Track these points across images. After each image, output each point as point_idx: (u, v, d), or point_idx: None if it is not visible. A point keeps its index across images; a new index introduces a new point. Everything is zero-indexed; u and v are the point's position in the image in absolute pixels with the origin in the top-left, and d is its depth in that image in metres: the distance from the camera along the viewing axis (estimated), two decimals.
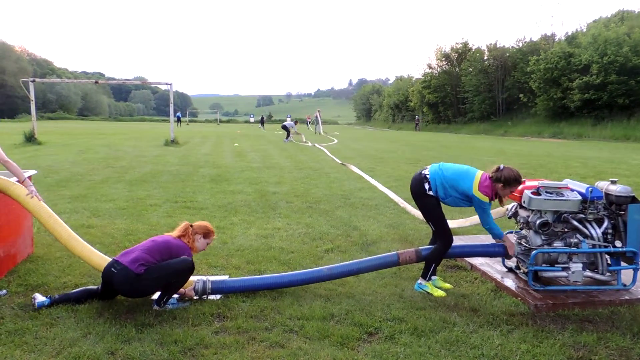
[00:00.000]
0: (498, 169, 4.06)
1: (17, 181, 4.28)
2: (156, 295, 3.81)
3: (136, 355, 3.05)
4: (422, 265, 4.35)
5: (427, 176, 4.18)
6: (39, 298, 3.73)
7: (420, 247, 4.36)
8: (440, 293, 4.16)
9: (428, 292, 4.18)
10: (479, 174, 4.11)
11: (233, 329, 3.46)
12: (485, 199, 4.04)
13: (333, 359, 3.07)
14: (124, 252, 3.84)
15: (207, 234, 4.10)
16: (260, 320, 3.59)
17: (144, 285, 3.63)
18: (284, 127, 28.29)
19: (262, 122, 57.10)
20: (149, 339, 3.26)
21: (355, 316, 3.67)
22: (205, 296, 3.99)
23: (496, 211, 6.31)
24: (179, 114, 66.77)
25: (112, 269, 3.66)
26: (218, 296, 4.02)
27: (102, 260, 4.04)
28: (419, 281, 4.28)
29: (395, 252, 4.30)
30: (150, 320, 3.53)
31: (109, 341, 3.21)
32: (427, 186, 4.16)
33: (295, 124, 30.47)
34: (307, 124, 46.67)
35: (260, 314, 3.71)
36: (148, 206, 7.79)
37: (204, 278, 4.07)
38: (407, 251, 4.29)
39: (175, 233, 4.00)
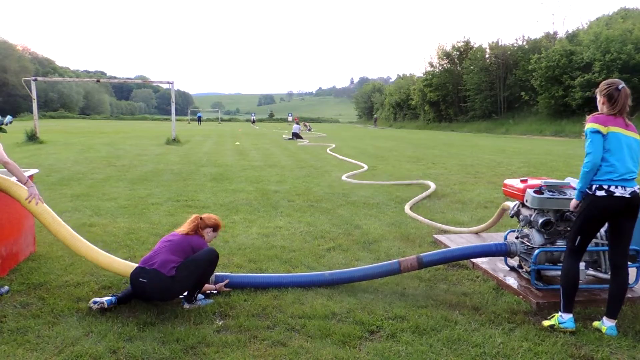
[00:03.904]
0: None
1: (18, 182, 4.26)
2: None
3: (138, 354, 3.05)
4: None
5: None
6: (105, 298, 3.67)
7: (421, 254, 4.34)
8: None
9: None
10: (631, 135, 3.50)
11: (235, 327, 3.46)
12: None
13: (334, 357, 3.07)
14: (145, 258, 3.76)
15: (216, 227, 4.11)
16: (262, 319, 3.59)
17: (179, 286, 3.62)
18: (295, 135, 28.69)
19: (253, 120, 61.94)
20: (151, 337, 3.26)
21: (356, 314, 3.67)
22: (209, 291, 4.01)
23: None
24: (199, 113, 68.09)
25: (141, 278, 3.59)
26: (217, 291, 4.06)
27: (107, 258, 4.05)
28: (613, 323, 3.50)
29: (396, 260, 4.29)
30: (152, 319, 3.53)
31: (111, 340, 3.21)
32: None
33: (298, 123, 31.08)
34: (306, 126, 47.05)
35: (262, 312, 3.71)
36: (150, 205, 7.79)
37: None
38: (409, 258, 4.28)
39: (185, 227, 3.97)
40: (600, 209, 3.46)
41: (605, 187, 3.41)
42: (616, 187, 3.39)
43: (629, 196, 3.39)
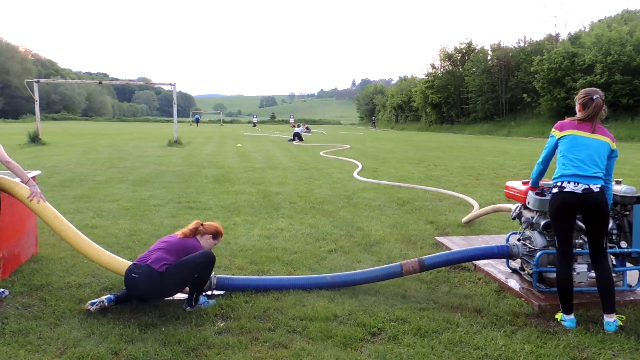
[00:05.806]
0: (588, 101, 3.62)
1: (21, 182, 4.28)
2: (183, 295, 3.84)
3: (139, 356, 3.05)
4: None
5: (600, 186, 3.54)
6: (103, 297, 3.73)
7: (422, 257, 4.33)
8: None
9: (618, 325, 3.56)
10: (603, 139, 3.61)
11: (236, 329, 3.46)
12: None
13: (336, 359, 3.07)
14: (140, 257, 3.81)
15: (216, 235, 4.12)
16: (264, 321, 3.59)
17: (169, 283, 3.63)
18: (297, 135, 28.96)
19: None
20: (153, 339, 3.27)
21: (358, 317, 3.67)
22: (210, 292, 4.04)
23: (494, 207, 6.29)
24: (197, 116, 70.38)
25: (133, 274, 3.62)
26: (221, 292, 4.09)
27: (109, 258, 4.05)
28: (611, 319, 3.57)
29: (398, 263, 4.29)
30: (154, 321, 3.53)
31: (113, 341, 3.21)
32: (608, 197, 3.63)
33: (298, 126, 31.34)
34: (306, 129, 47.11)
35: (263, 314, 3.71)
36: (151, 206, 7.80)
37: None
38: (410, 261, 4.28)
39: (184, 231, 3.99)
40: (556, 205, 3.63)
41: (559, 183, 3.61)
42: (568, 182, 3.56)
43: (580, 192, 3.51)
